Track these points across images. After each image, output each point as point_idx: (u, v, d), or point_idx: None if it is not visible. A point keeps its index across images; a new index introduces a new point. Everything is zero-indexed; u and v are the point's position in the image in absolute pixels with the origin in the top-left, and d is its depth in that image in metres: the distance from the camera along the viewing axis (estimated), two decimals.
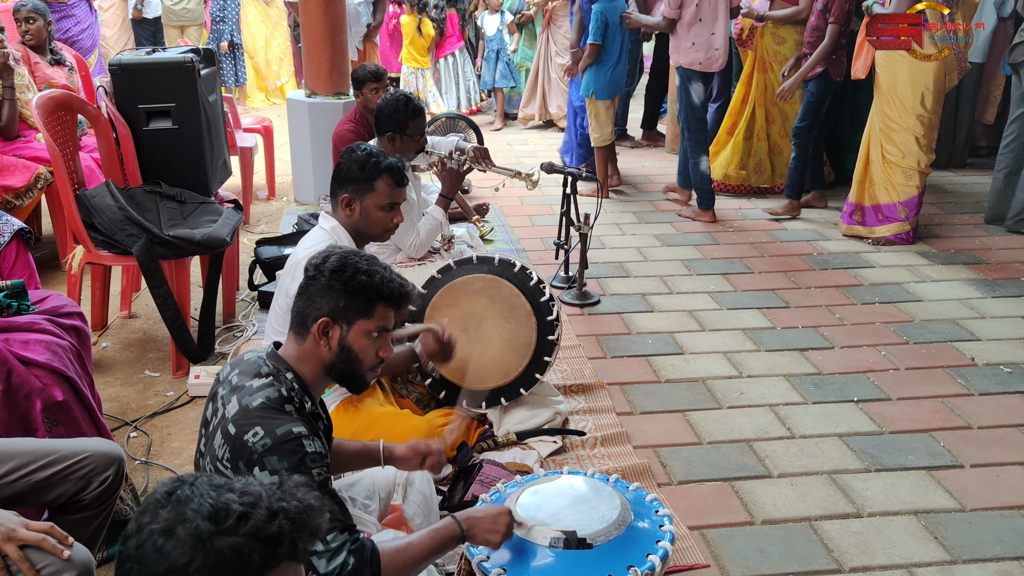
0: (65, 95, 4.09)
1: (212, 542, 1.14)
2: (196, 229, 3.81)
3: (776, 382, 3.81)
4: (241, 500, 1.18)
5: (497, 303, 3.25)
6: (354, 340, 1.96)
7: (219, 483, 1.22)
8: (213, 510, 1.16)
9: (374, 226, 2.96)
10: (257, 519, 1.17)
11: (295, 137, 6.38)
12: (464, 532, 2.00)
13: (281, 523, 1.18)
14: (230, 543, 1.15)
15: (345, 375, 2.00)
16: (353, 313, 1.94)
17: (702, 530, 2.85)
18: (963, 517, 2.92)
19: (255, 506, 1.18)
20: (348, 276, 1.93)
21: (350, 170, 2.94)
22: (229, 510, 1.17)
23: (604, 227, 5.80)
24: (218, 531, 1.15)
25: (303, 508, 1.22)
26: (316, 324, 1.93)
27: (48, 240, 5.31)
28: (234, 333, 4.28)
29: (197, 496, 1.18)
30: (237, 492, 1.20)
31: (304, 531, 1.21)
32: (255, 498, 1.19)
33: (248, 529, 1.16)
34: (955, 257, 5.36)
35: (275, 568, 1.18)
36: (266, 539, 1.17)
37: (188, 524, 1.15)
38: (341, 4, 6.18)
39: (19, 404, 2.47)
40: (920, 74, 5.32)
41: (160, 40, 9.17)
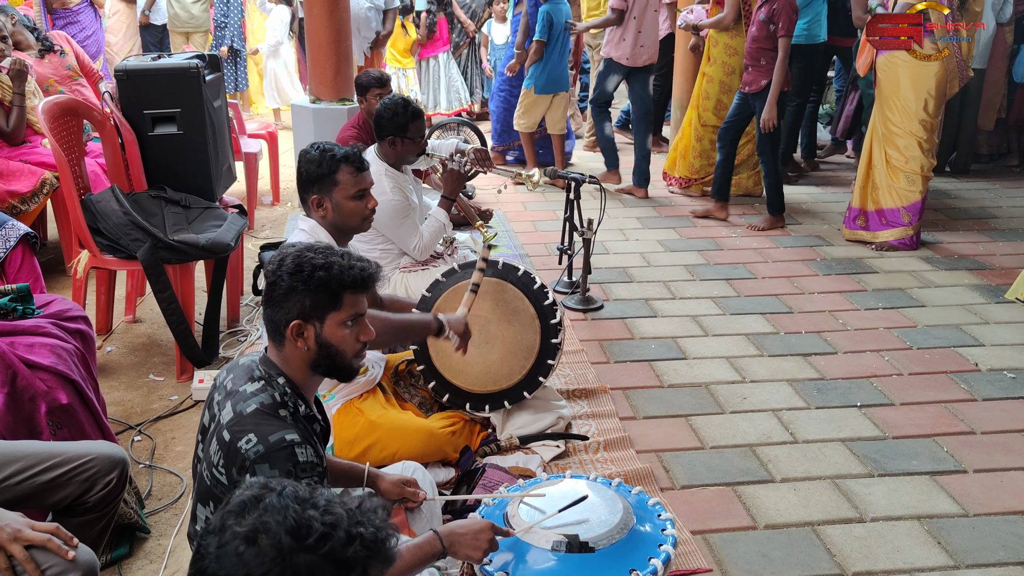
0: (71, 100, 4.11)
1: (291, 558, 1.16)
2: (201, 234, 3.82)
3: (779, 387, 3.82)
4: (323, 519, 1.20)
5: (501, 306, 3.26)
6: (330, 334, 1.94)
7: (304, 496, 1.23)
8: (296, 525, 1.18)
9: (350, 218, 2.95)
10: (336, 541, 1.19)
11: (299, 143, 6.40)
12: (445, 548, 2.01)
13: (357, 548, 1.20)
14: (307, 561, 1.17)
15: (331, 368, 1.99)
16: (322, 309, 1.92)
17: (705, 534, 2.85)
18: (966, 522, 2.92)
19: (335, 527, 1.20)
20: (307, 274, 1.90)
21: (309, 170, 2.94)
22: (311, 528, 1.18)
23: (607, 232, 5.81)
24: (298, 547, 1.17)
25: (380, 537, 1.24)
26: (288, 328, 1.91)
27: (53, 245, 5.34)
28: (238, 338, 4.30)
29: (282, 507, 1.19)
30: (320, 510, 1.21)
31: (377, 558, 1.23)
32: (336, 519, 1.21)
33: (326, 550, 1.18)
34: (959, 263, 5.36)
35: None
36: (341, 562, 1.19)
37: (271, 535, 1.17)
38: (346, 10, 6.21)
39: (24, 407, 2.48)
40: (923, 78, 5.33)
41: (166, 46, 9.21)
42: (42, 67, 5.35)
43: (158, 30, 9.27)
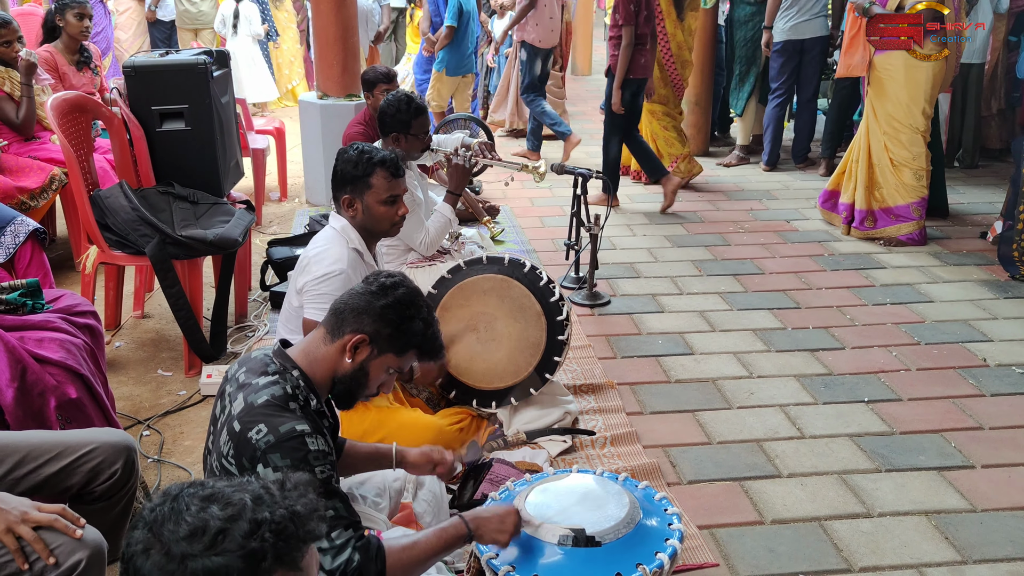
0: (80, 97, 4.12)
1: (186, 564, 1.12)
2: (208, 229, 3.84)
3: (786, 382, 3.81)
4: (223, 514, 1.15)
5: (507, 303, 3.26)
6: (374, 367, 1.99)
7: (206, 494, 1.18)
8: (191, 530, 1.14)
9: (380, 222, 2.97)
10: (236, 534, 1.14)
11: (307, 139, 6.42)
12: (472, 532, 2.01)
13: (263, 536, 1.14)
14: (205, 564, 1.12)
15: (346, 391, 2.02)
16: (390, 346, 1.98)
17: (711, 529, 2.85)
18: (974, 517, 2.92)
19: (236, 519, 1.15)
20: (409, 315, 1.97)
21: (345, 171, 2.95)
22: (207, 528, 1.14)
23: (614, 228, 5.81)
24: (193, 552, 1.12)
25: (289, 516, 1.18)
26: (353, 337, 1.95)
27: (62, 241, 5.36)
28: (246, 333, 4.31)
29: (176, 513, 1.15)
30: (221, 503, 1.16)
31: (291, 540, 1.17)
32: (237, 510, 1.16)
33: (226, 546, 1.13)
34: (967, 258, 5.34)
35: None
36: (247, 555, 1.13)
37: (163, 545, 1.13)
38: (352, 6, 6.21)
39: (33, 401, 2.50)
40: (922, 74, 5.32)
41: (174, 43, 9.23)
42: (77, 78, 5.42)
43: (167, 26, 9.30)
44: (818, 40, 7.00)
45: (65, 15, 5.34)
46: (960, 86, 7.11)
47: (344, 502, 1.87)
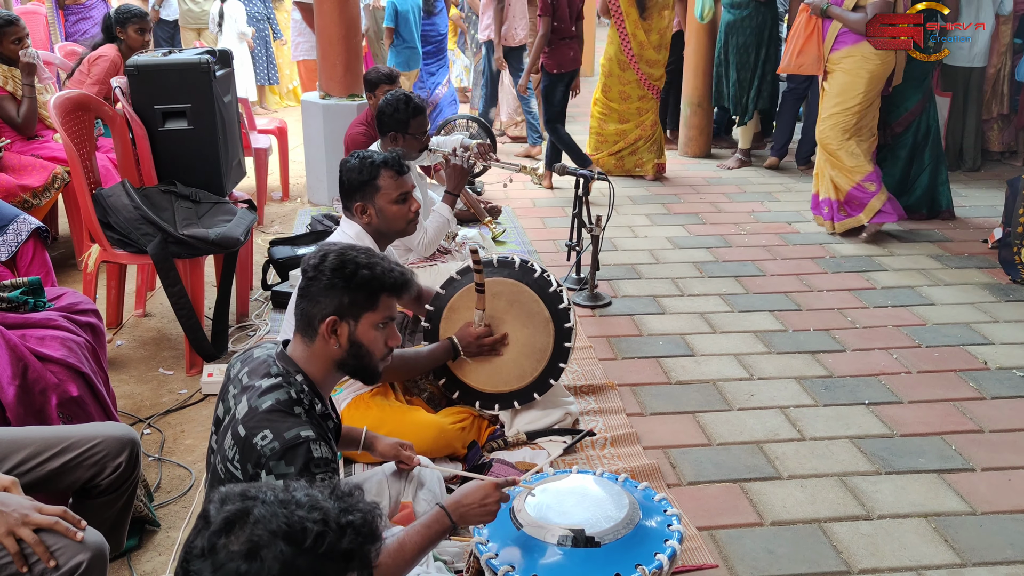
0: (83, 96, 4.13)
1: (294, 563, 1.17)
2: (210, 229, 3.84)
3: (787, 384, 3.81)
4: (312, 517, 1.20)
5: (516, 308, 3.25)
6: (363, 334, 1.98)
7: (285, 498, 1.23)
8: (289, 531, 1.19)
9: (395, 221, 3.01)
10: (332, 537, 1.20)
11: (309, 139, 6.42)
12: (455, 522, 2.02)
13: (352, 537, 1.22)
14: (309, 563, 1.18)
15: (358, 368, 2.02)
16: (359, 308, 1.96)
17: (711, 531, 2.85)
18: (974, 520, 2.92)
19: (327, 523, 1.21)
20: (350, 272, 1.94)
21: (351, 179, 3.00)
22: (306, 530, 1.19)
23: (616, 229, 5.81)
24: (299, 551, 1.18)
25: (368, 520, 1.25)
26: (324, 324, 1.94)
27: (64, 239, 5.37)
28: (247, 332, 4.32)
29: (271, 515, 1.20)
30: (306, 508, 1.21)
31: (370, 540, 1.24)
32: (325, 514, 1.22)
33: (325, 548, 1.19)
34: (968, 261, 5.34)
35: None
36: (340, 555, 1.20)
37: (271, 547, 1.17)
38: (355, 7, 6.22)
39: (35, 399, 2.50)
40: (875, 68, 5.46)
41: (177, 42, 9.25)
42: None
43: (170, 26, 9.31)
44: None
45: (126, 29, 5.34)
46: (960, 89, 7.11)
47: None
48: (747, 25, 7.18)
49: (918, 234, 5.84)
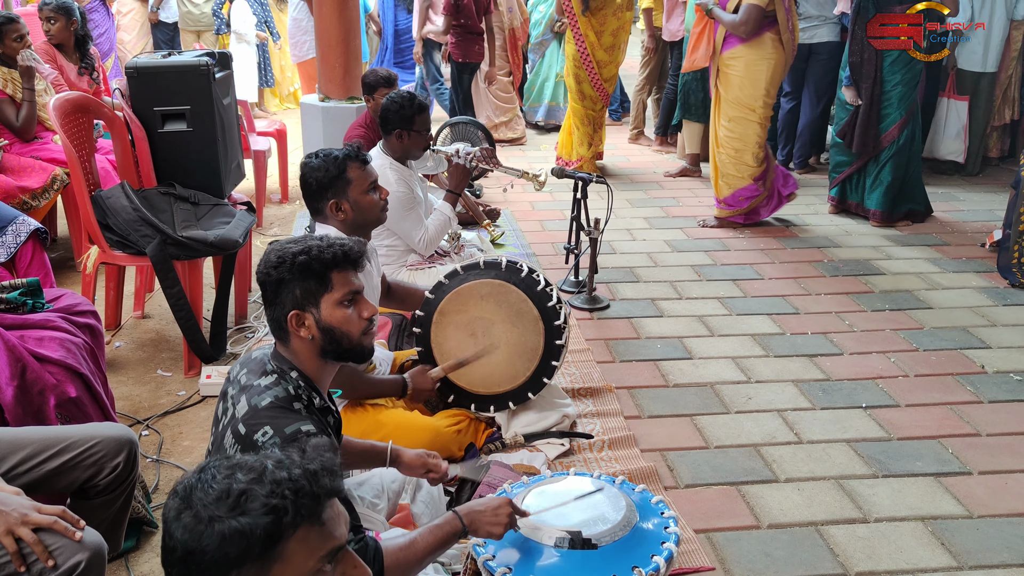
0: (82, 97, 4.14)
1: (213, 525, 1.18)
2: (209, 230, 3.84)
3: (784, 387, 3.82)
4: (246, 477, 1.22)
5: (504, 308, 3.25)
6: (329, 316, 1.96)
7: (233, 463, 1.25)
8: (217, 495, 1.20)
9: (370, 211, 3.00)
10: (258, 495, 1.20)
11: (309, 141, 6.43)
12: (466, 527, 2.02)
13: (283, 494, 1.20)
14: (230, 525, 1.18)
15: (341, 351, 2.01)
16: (313, 293, 1.96)
17: (708, 533, 2.85)
18: (970, 524, 2.92)
19: (258, 481, 1.21)
20: (289, 263, 1.95)
21: (318, 179, 2.95)
22: (230, 491, 1.20)
23: (615, 232, 5.81)
24: (219, 514, 1.18)
25: (306, 474, 1.24)
26: (288, 321, 1.95)
27: (63, 241, 5.37)
28: (246, 334, 4.32)
29: (205, 481, 1.22)
30: (245, 469, 1.23)
31: (309, 496, 1.23)
32: (259, 473, 1.22)
33: (249, 506, 1.19)
34: (967, 265, 5.35)
35: (290, 538, 1.21)
36: (269, 511, 1.19)
37: (192, 510, 1.20)
38: (355, 9, 6.23)
39: (33, 400, 2.51)
40: (763, 66, 5.65)
41: (177, 44, 9.25)
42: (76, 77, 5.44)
43: (169, 28, 9.32)
44: (826, 45, 7.01)
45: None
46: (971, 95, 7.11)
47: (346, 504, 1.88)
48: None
49: (916, 238, 5.85)
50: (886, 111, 5.90)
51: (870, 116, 5.91)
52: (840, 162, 6.27)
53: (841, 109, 6.18)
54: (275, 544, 1.19)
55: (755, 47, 5.63)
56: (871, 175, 6.09)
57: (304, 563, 1.22)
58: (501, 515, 2.06)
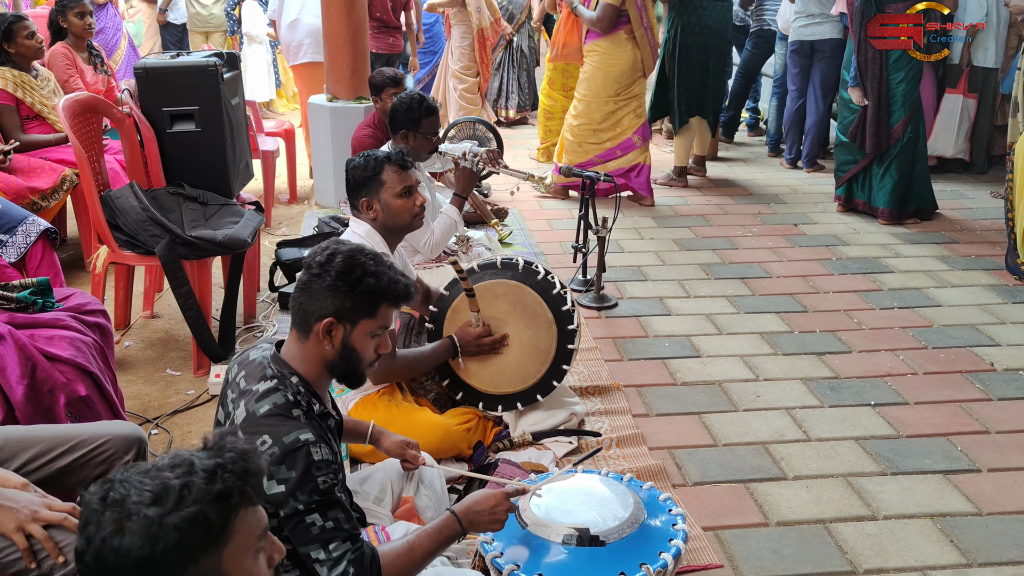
0: (91, 98, 4.16)
1: (164, 522, 1.16)
2: (218, 230, 3.86)
3: (793, 385, 3.81)
4: (176, 474, 1.20)
5: (519, 309, 3.25)
6: (357, 339, 1.95)
7: (147, 467, 1.22)
8: (154, 494, 1.18)
9: (399, 215, 3.02)
10: (198, 484, 1.19)
11: (316, 141, 6.44)
12: (464, 528, 2.02)
13: (224, 477, 1.21)
14: (182, 516, 1.17)
15: (345, 373, 2.00)
16: (358, 313, 1.93)
17: (716, 531, 2.85)
18: (979, 521, 2.91)
19: (192, 473, 1.20)
20: (356, 277, 1.91)
21: (356, 176, 3.02)
22: (168, 487, 1.18)
23: (622, 231, 5.81)
24: (167, 510, 1.17)
25: (238, 456, 1.24)
26: (320, 324, 1.91)
27: (73, 242, 5.39)
28: (254, 333, 4.33)
29: (133, 489, 1.19)
30: (169, 467, 1.21)
31: (248, 476, 1.24)
32: (189, 466, 1.21)
33: (195, 496, 1.18)
34: (976, 263, 5.33)
35: (235, 519, 1.21)
36: (216, 497, 1.19)
37: (136, 516, 1.16)
38: (362, 9, 6.24)
39: (43, 398, 2.52)
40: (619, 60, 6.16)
41: (186, 45, 9.29)
42: (92, 76, 5.49)
43: (178, 29, 9.36)
44: (828, 42, 7.00)
45: (67, 15, 5.40)
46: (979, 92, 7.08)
47: (345, 512, 1.86)
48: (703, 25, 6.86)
49: (924, 236, 5.84)
50: (891, 108, 5.90)
51: (879, 115, 5.90)
52: (845, 161, 6.26)
53: (845, 109, 6.16)
54: (225, 527, 1.20)
55: (611, 42, 6.15)
56: (877, 174, 6.08)
57: (249, 542, 1.24)
58: (499, 511, 2.06)
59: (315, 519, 1.80)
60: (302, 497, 1.79)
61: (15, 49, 4.84)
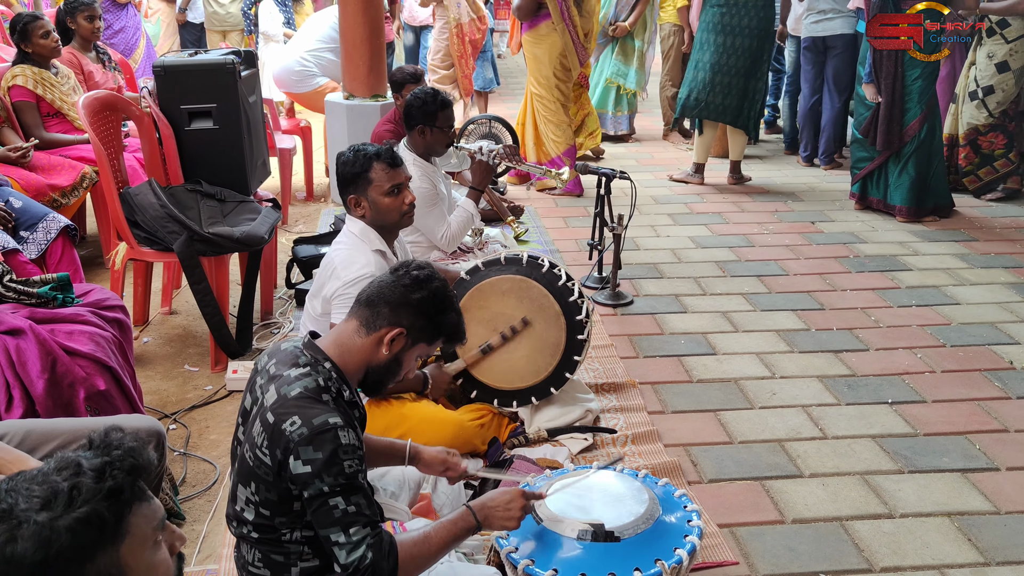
0: (110, 96, 4.19)
1: (55, 525, 1.14)
2: (235, 227, 3.88)
3: (809, 383, 3.80)
4: (64, 476, 1.18)
5: (526, 304, 3.26)
6: (408, 357, 2.05)
7: (34, 474, 1.20)
8: (43, 499, 1.16)
9: (387, 214, 3.01)
10: (87, 483, 1.18)
11: (333, 139, 6.46)
12: (480, 522, 2.04)
13: (113, 474, 1.19)
14: (74, 517, 1.15)
15: (377, 381, 2.07)
16: (424, 336, 2.04)
17: (732, 528, 2.85)
18: (997, 519, 2.90)
19: (80, 474, 1.18)
20: (443, 307, 2.04)
21: (344, 172, 3.01)
22: (57, 491, 1.16)
23: (638, 228, 5.80)
24: (57, 514, 1.15)
25: (125, 452, 1.23)
26: (392, 331, 1.99)
27: (92, 238, 5.44)
28: (271, 330, 4.36)
29: (21, 496, 1.17)
30: (56, 471, 1.19)
31: (137, 471, 1.23)
32: (76, 467, 1.20)
33: (84, 496, 1.17)
34: (994, 260, 5.29)
35: (129, 514, 1.20)
36: (107, 495, 1.18)
37: (26, 524, 1.14)
38: (379, 7, 6.25)
39: (63, 392, 2.55)
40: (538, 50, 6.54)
41: (204, 44, 9.33)
42: (102, 76, 5.53)
43: (196, 28, 9.40)
44: (841, 38, 6.95)
45: (76, 18, 5.41)
46: None
47: (367, 498, 1.89)
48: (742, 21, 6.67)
49: (943, 234, 5.80)
50: (907, 106, 5.86)
51: (892, 112, 5.87)
52: (861, 158, 6.22)
53: (860, 105, 6.13)
54: (119, 523, 1.19)
55: (536, 32, 6.53)
56: (894, 172, 6.05)
57: (146, 534, 1.23)
58: (514, 508, 2.07)
59: (338, 502, 1.83)
60: (327, 479, 1.81)
61: (31, 48, 4.88)
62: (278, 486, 1.88)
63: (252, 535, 1.98)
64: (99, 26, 5.55)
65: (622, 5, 7.89)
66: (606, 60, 8.33)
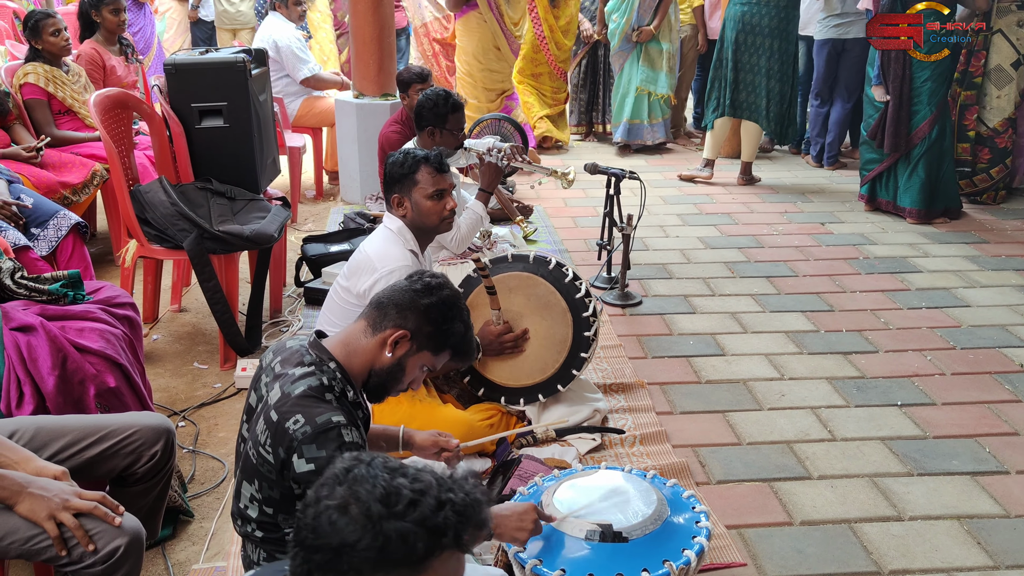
0: (121, 93, 4.20)
1: (381, 524, 1.18)
2: (245, 225, 3.89)
3: (818, 385, 3.79)
4: (412, 486, 1.21)
5: (533, 301, 3.27)
6: (411, 363, 2.03)
7: (393, 466, 1.25)
8: (385, 493, 1.20)
9: (428, 217, 3.05)
10: (425, 507, 1.20)
11: (342, 138, 6.47)
12: (491, 532, 2.04)
13: (447, 514, 1.21)
14: (397, 528, 1.18)
15: (380, 385, 2.06)
16: (428, 344, 2.03)
17: (740, 529, 2.84)
18: (1007, 523, 2.88)
19: (424, 494, 1.21)
20: (450, 316, 2.03)
21: (392, 172, 3.07)
22: (400, 495, 1.20)
23: (647, 229, 5.80)
24: (388, 514, 1.18)
25: (469, 501, 1.24)
26: (395, 332, 1.99)
27: (103, 235, 5.46)
28: (280, 328, 4.37)
29: (371, 477, 1.22)
30: (409, 478, 1.23)
31: (468, 523, 1.23)
32: (425, 486, 1.22)
33: (416, 516, 1.19)
34: (1005, 263, 5.27)
35: (438, 556, 1.20)
36: (432, 528, 1.19)
37: (361, 504, 1.19)
38: (390, 6, 6.26)
39: (74, 389, 2.56)
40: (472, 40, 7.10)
41: (215, 43, 9.35)
42: (124, 70, 5.56)
43: (208, 26, 9.42)
44: (859, 41, 6.93)
45: (101, 11, 5.46)
46: None
47: None
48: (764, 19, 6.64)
49: (953, 236, 5.78)
50: (916, 107, 5.84)
51: (900, 114, 5.84)
52: (870, 159, 6.20)
53: (870, 107, 6.11)
54: (426, 559, 1.20)
55: (465, 21, 7.09)
56: (903, 173, 6.03)
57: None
58: (526, 521, 2.08)
59: None
60: None
61: (42, 45, 4.90)
62: (281, 484, 1.89)
63: (256, 533, 1.98)
64: (124, 19, 5.60)
65: (644, 8, 7.59)
66: (632, 68, 7.90)
